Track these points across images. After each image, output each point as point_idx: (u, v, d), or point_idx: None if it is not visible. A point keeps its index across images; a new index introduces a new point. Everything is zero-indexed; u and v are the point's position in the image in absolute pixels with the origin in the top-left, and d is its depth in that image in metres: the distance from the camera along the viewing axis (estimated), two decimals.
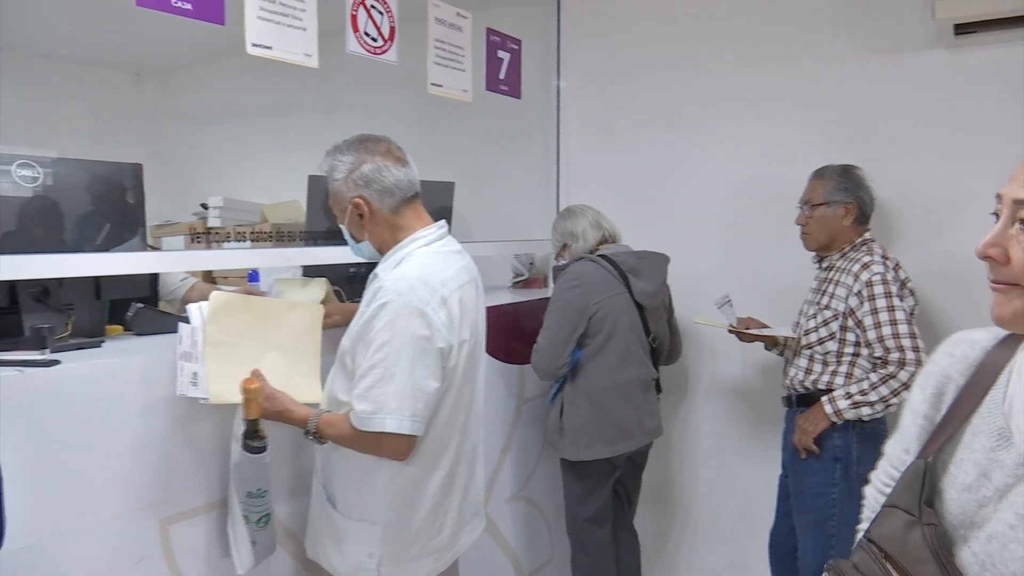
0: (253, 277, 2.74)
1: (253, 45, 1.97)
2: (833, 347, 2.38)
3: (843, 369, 2.37)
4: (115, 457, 1.63)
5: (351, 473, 1.79)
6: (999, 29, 2.44)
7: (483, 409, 1.99)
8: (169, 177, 4.29)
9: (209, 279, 3.08)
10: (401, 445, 1.68)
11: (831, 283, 2.42)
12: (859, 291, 2.30)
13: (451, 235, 1.90)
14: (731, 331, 2.69)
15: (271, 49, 2.01)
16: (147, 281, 2.11)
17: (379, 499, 1.77)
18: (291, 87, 3.27)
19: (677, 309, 2.89)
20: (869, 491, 1.17)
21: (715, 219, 3.08)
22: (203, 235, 3.25)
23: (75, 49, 4.74)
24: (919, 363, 2.20)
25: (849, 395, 2.28)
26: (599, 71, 3.33)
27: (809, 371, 2.44)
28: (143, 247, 2.01)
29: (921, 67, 2.63)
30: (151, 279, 2.18)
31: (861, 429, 2.32)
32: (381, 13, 2.36)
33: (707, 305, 2.79)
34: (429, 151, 1.89)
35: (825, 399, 2.33)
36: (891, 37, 2.68)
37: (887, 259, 2.36)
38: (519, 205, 3.55)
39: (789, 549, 2.55)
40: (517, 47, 3.04)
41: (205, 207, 3.55)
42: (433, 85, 2.61)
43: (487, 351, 2.05)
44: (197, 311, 1.71)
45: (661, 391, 2.84)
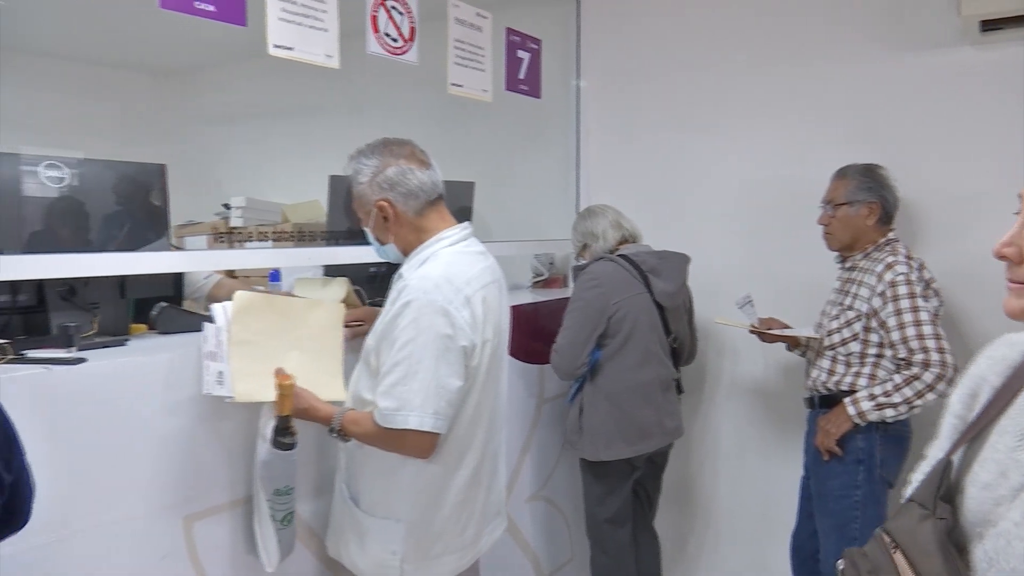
0: (275, 277, 2.76)
1: (275, 46, 1.99)
2: (856, 348, 2.36)
3: (866, 370, 2.35)
4: (140, 454, 1.65)
5: (375, 471, 1.80)
6: None
7: (506, 409, 2.00)
8: (191, 177, 4.33)
9: (231, 275, 3.10)
10: (424, 442, 1.69)
11: (854, 283, 2.40)
12: (883, 291, 2.28)
13: (474, 236, 1.91)
14: (752, 331, 2.68)
15: (292, 50, 2.03)
16: (171, 280, 2.13)
17: (403, 497, 1.78)
18: (312, 88, 3.29)
19: (697, 309, 2.87)
20: (908, 491, 1.19)
21: (736, 219, 3.06)
22: (225, 235, 3.28)
23: (99, 51, 4.80)
24: (944, 364, 2.17)
25: (872, 396, 2.26)
26: (619, 71, 3.32)
27: (832, 372, 2.42)
28: (167, 247, 2.04)
29: (946, 65, 2.60)
30: (175, 278, 2.20)
31: (884, 431, 2.30)
32: (401, 14, 2.37)
33: (728, 305, 2.77)
34: (449, 151, 1.89)
35: (848, 400, 2.31)
36: (915, 34, 2.65)
37: (911, 259, 2.33)
38: (539, 205, 3.55)
39: (811, 551, 2.53)
40: (537, 47, 3.04)
41: (227, 207, 3.58)
42: (453, 85, 2.61)
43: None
44: (221, 311, 1.72)
45: (682, 391, 2.83)
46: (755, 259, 3.02)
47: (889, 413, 2.24)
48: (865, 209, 2.39)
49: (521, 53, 2.97)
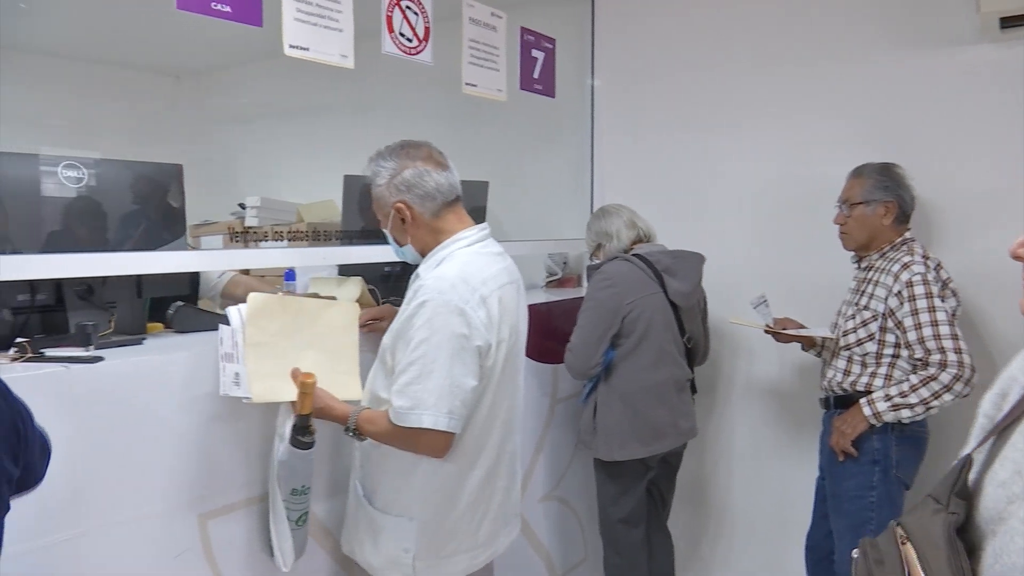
0: (290, 276, 2.77)
1: (290, 46, 2.00)
2: (872, 348, 2.34)
3: (882, 371, 2.33)
4: (156, 452, 1.67)
5: (390, 470, 1.81)
6: None
7: (522, 411, 2.00)
8: (207, 177, 4.35)
9: (246, 273, 3.12)
10: (438, 442, 1.69)
11: (870, 283, 2.38)
12: (899, 291, 2.26)
13: (492, 237, 1.91)
14: (767, 331, 2.66)
15: (308, 50, 2.03)
16: (187, 279, 2.15)
17: (417, 495, 1.78)
18: (327, 88, 3.30)
19: (712, 309, 2.86)
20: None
21: (751, 218, 3.05)
22: (241, 234, 3.30)
23: (117, 53, 4.84)
24: (961, 365, 2.16)
25: (888, 397, 2.24)
26: (633, 70, 3.31)
27: (847, 372, 2.40)
28: (184, 246, 2.05)
29: (964, 62, 2.58)
30: (191, 278, 2.21)
31: (901, 432, 2.29)
32: (416, 14, 2.38)
33: (742, 305, 2.76)
34: (463, 151, 1.90)
35: (864, 401, 2.29)
36: (933, 32, 2.63)
37: (928, 259, 2.31)
38: (553, 204, 3.55)
39: (826, 552, 2.51)
40: (551, 46, 3.04)
41: (243, 207, 3.60)
42: (468, 85, 2.61)
43: None
44: (236, 313, 1.73)
45: (696, 392, 2.82)
46: (770, 259, 3.00)
47: (905, 414, 2.22)
48: (881, 208, 2.37)
49: (535, 52, 2.97)
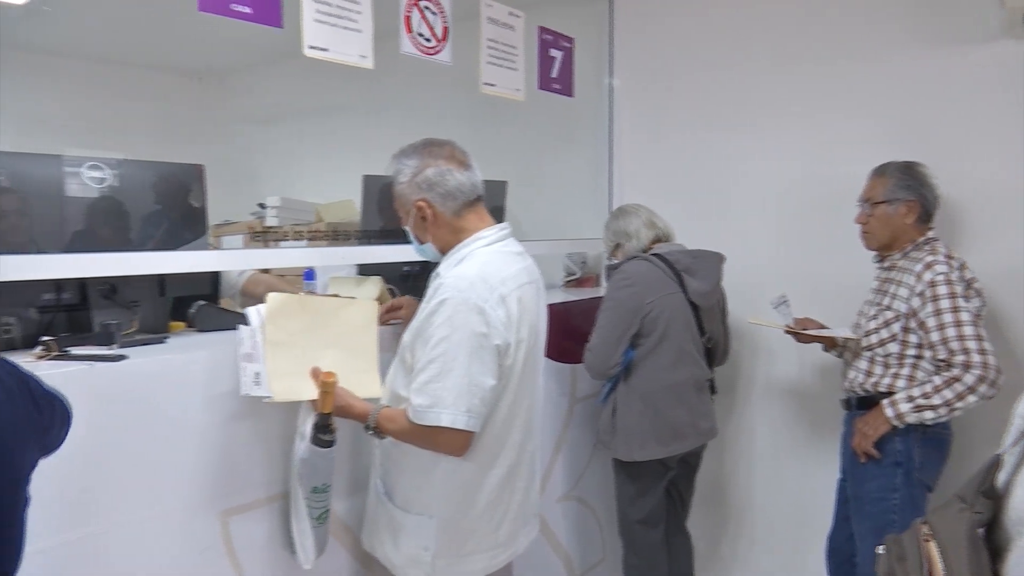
0: (309, 276, 2.79)
1: (310, 47, 2.01)
2: (895, 349, 2.32)
3: (905, 372, 2.31)
4: (178, 450, 1.68)
5: (409, 468, 1.82)
6: None
7: (543, 410, 2.00)
8: (228, 177, 4.40)
9: (264, 271, 3.15)
10: (457, 440, 1.69)
11: (893, 283, 2.35)
12: (922, 291, 2.24)
13: (512, 236, 1.91)
14: (788, 332, 2.64)
15: (327, 51, 2.05)
16: (209, 279, 2.17)
17: (436, 494, 1.79)
18: (346, 88, 3.32)
19: (731, 309, 2.85)
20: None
21: (772, 217, 3.03)
22: (261, 234, 3.33)
23: (138, 54, 4.90)
24: (986, 366, 2.13)
25: (911, 398, 2.22)
26: (652, 69, 3.30)
27: (869, 373, 2.38)
28: (206, 246, 2.07)
29: (988, 59, 2.55)
30: (212, 277, 2.23)
31: (924, 433, 2.26)
32: (435, 14, 2.38)
33: (762, 305, 2.74)
34: (481, 150, 1.90)
35: (886, 402, 2.27)
36: (955, 28, 2.60)
37: (952, 259, 2.28)
38: (571, 204, 3.54)
39: (848, 555, 2.49)
40: (570, 45, 3.04)
41: (263, 207, 3.63)
42: (486, 84, 2.62)
43: None
44: (256, 313, 1.75)
45: (716, 392, 2.80)
46: (790, 258, 2.98)
47: (928, 415, 2.20)
48: (904, 207, 2.35)
49: (554, 52, 2.97)
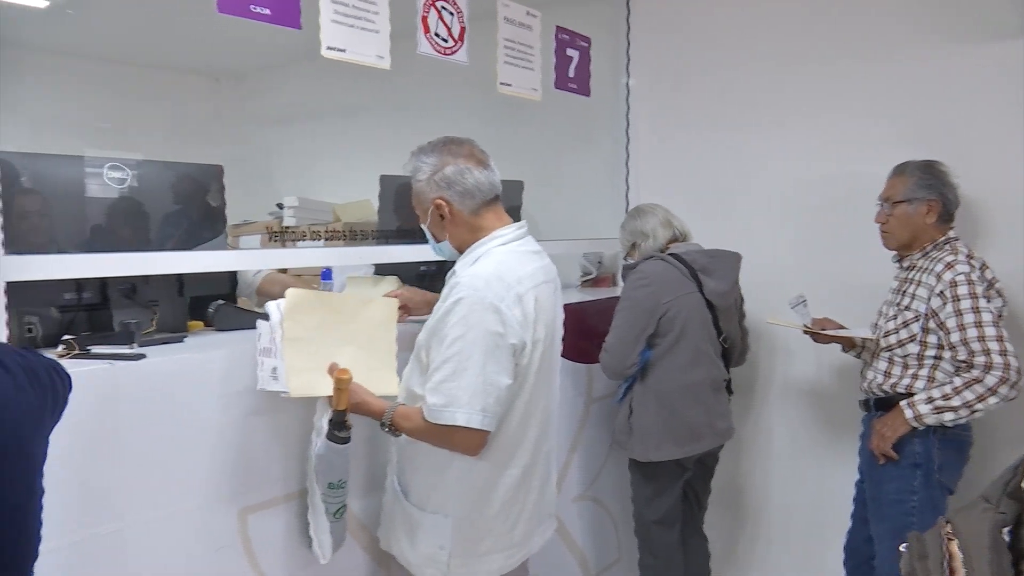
0: (327, 275, 2.80)
1: (328, 48, 2.02)
2: (914, 349, 2.30)
3: (924, 372, 2.29)
4: (197, 448, 1.70)
5: (425, 466, 1.82)
6: None
7: (558, 410, 1.99)
8: (246, 178, 4.43)
9: (282, 271, 3.17)
10: (472, 439, 1.70)
11: (912, 283, 2.33)
12: (942, 291, 2.22)
13: (530, 236, 1.91)
14: (805, 332, 2.63)
15: (345, 52, 2.06)
16: (227, 279, 2.19)
17: (451, 493, 1.79)
18: (363, 89, 3.34)
19: (749, 309, 2.83)
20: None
21: (789, 217, 3.01)
22: (279, 234, 3.34)
23: (158, 56, 4.94)
24: (1007, 367, 2.10)
25: (931, 399, 2.20)
26: (669, 68, 3.29)
27: (888, 374, 2.36)
28: (224, 246, 2.09)
29: (1011, 56, 2.52)
30: (230, 277, 2.25)
31: (943, 435, 2.24)
32: (451, 14, 2.39)
33: (780, 305, 2.72)
34: (498, 150, 1.90)
35: (905, 403, 2.25)
36: (978, 25, 2.57)
37: (972, 258, 2.26)
38: (587, 203, 3.54)
39: (866, 557, 2.47)
40: (586, 45, 3.03)
41: (280, 207, 3.65)
42: (503, 84, 2.62)
43: None
44: (275, 308, 1.76)
45: (732, 392, 2.79)
46: (808, 258, 2.96)
47: (948, 417, 2.18)
48: (924, 207, 2.33)
49: (570, 51, 2.97)
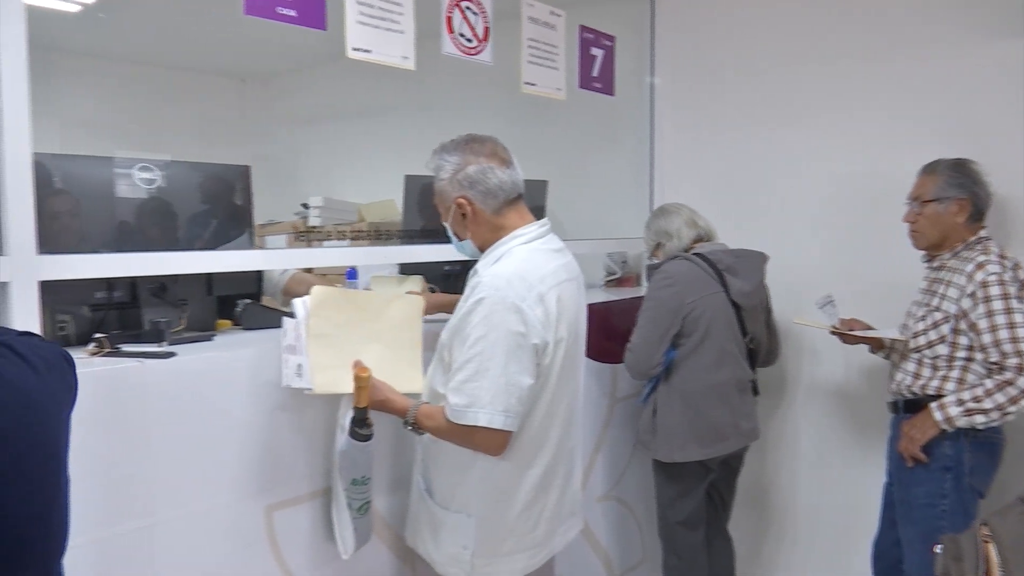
0: (352, 275, 2.82)
1: (353, 49, 2.03)
2: (944, 351, 2.26)
3: (954, 374, 2.25)
4: (225, 445, 1.71)
5: (448, 465, 1.82)
6: None
7: (582, 409, 1.99)
8: (272, 178, 4.47)
9: (307, 271, 3.19)
10: (495, 440, 1.70)
11: (942, 283, 2.30)
12: (973, 292, 2.18)
13: (553, 233, 1.90)
14: (833, 332, 2.60)
15: (370, 52, 2.07)
16: (254, 278, 2.21)
17: (474, 492, 1.79)
18: (387, 89, 3.35)
19: (776, 309, 2.81)
20: None
21: (815, 216, 2.98)
22: (304, 234, 3.37)
23: (185, 57, 5.00)
24: None
25: (961, 402, 2.17)
26: (693, 67, 3.27)
27: (918, 376, 2.33)
28: (247, 245, 2.11)
29: None
30: (257, 277, 2.27)
31: (974, 438, 2.20)
32: (476, 14, 2.39)
33: (807, 305, 2.70)
34: (522, 149, 1.89)
35: (935, 405, 2.22)
36: (1011, 21, 2.52)
37: (1005, 259, 2.22)
38: (612, 203, 3.53)
39: (894, 561, 2.44)
40: (611, 44, 3.02)
41: (306, 207, 3.68)
42: (527, 84, 2.62)
43: None
44: (301, 305, 1.77)
45: (758, 393, 2.77)
46: (836, 257, 2.93)
47: (979, 419, 2.14)
48: (955, 206, 2.29)
49: (595, 50, 2.96)
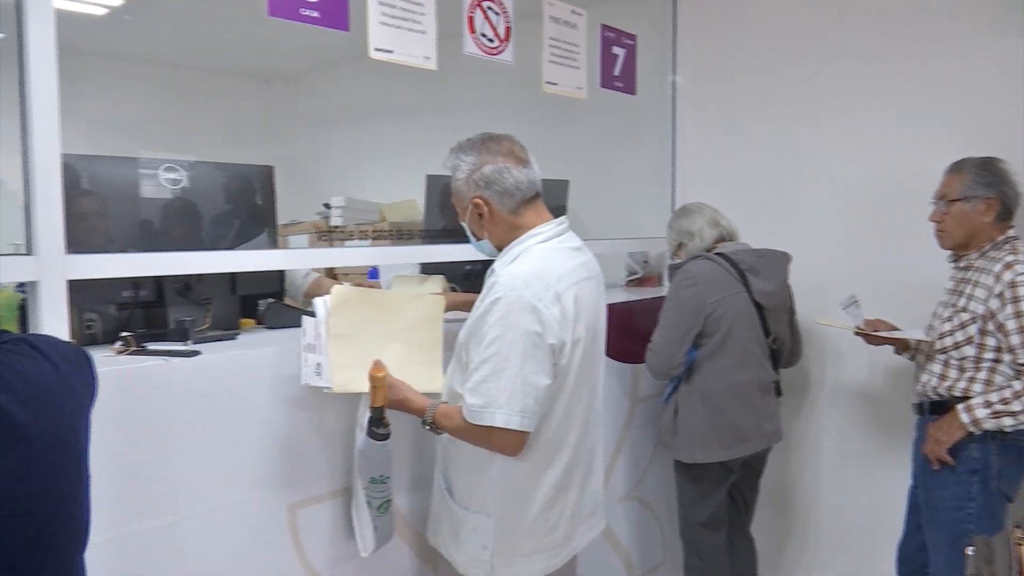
0: (373, 274, 2.84)
1: (376, 49, 2.04)
2: (971, 352, 2.23)
3: (982, 376, 2.22)
4: (249, 443, 1.73)
5: (466, 465, 1.82)
6: None
7: (603, 408, 1.98)
8: (294, 178, 4.51)
9: (331, 275, 3.21)
10: (511, 440, 1.69)
11: (969, 284, 2.27)
12: (1000, 292, 2.15)
13: (572, 231, 1.90)
14: (857, 333, 2.57)
15: (392, 53, 2.07)
16: (277, 278, 2.22)
17: (492, 492, 1.79)
18: (409, 89, 3.36)
19: (799, 310, 2.79)
20: None
21: (840, 216, 2.95)
22: (326, 234, 3.39)
23: (210, 59, 5.05)
24: None
25: (989, 404, 2.14)
26: (715, 66, 3.25)
27: (944, 377, 2.30)
28: (266, 244, 2.12)
29: None
30: (279, 276, 2.29)
31: (1002, 440, 2.17)
32: (497, 13, 2.39)
33: (831, 305, 2.67)
34: (543, 149, 1.89)
35: (961, 407, 2.19)
36: None
37: None
38: (633, 202, 3.52)
39: (919, 564, 2.41)
40: (632, 43, 3.01)
41: (328, 207, 3.69)
42: (548, 83, 2.62)
43: None
44: (322, 304, 1.78)
45: (781, 394, 2.75)
46: (860, 257, 2.90)
47: (1008, 422, 2.11)
48: (982, 205, 2.26)
49: (616, 49, 2.95)
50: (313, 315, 1.77)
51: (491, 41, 2.38)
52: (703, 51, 3.29)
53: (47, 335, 1.08)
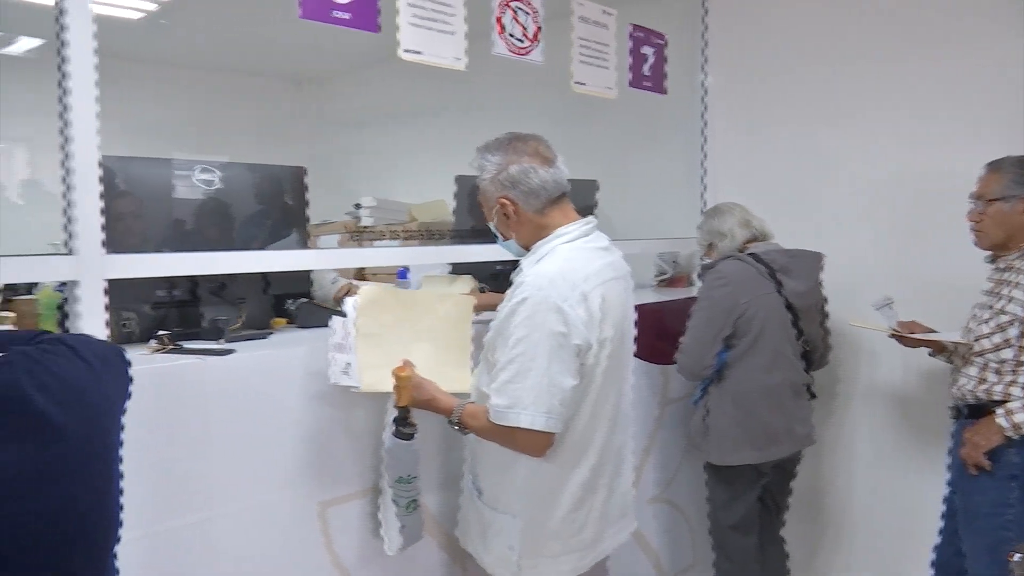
0: (403, 274, 2.85)
1: (406, 51, 2.05)
2: (1009, 355, 2.19)
3: (1021, 379, 2.17)
4: (280, 442, 1.75)
5: (494, 465, 1.83)
6: None
7: (632, 410, 1.97)
8: (325, 179, 4.54)
9: (361, 277, 3.23)
10: (537, 441, 1.68)
11: (1008, 285, 2.22)
12: None
13: (600, 231, 1.89)
14: (892, 335, 2.53)
15: (422, 54, 2.09)
16: (308, 278, 2.25)
17: (518, 493, 1.79)
18: (439, 90, 3.37)
19: (832, 311, 2.75)
20: None
21: (874, 215, 2.91)
22: (356, 234, 3.41)
23: (243, 62, 5.12)
24: None
25: None
26: (746, 65, 3.23)
27: (981, 380, 2.25)
28: (295, 244, 2.14)
29: None
30: (310, 276, 2.31)
31: None
32: (527, 14, 2.39)
33: (864, 307, 2.64)
34: (572, 149, 1.89)
35: (1000, 411, 2.14)
36: None
37: None
38: (663, 203, 3.50)
39: (957, 570, 2.36)
40: (662, 42, 3.00)
41: (358, 207, 3.72)
42: (577, 83, 2.61)
43: None
44: (351, 304, 1.80)
45: (814, 396, 2.71)
46: (895, 258, 2.86)
47: None
48: (1021, 205, 2.21)
49: (646, 49, 2.94)
50: (343, 315, 1.79)
51: (520, 41, 2.38)
52: (733, 50, 3.26)
53: (84, 334, 1.11)
